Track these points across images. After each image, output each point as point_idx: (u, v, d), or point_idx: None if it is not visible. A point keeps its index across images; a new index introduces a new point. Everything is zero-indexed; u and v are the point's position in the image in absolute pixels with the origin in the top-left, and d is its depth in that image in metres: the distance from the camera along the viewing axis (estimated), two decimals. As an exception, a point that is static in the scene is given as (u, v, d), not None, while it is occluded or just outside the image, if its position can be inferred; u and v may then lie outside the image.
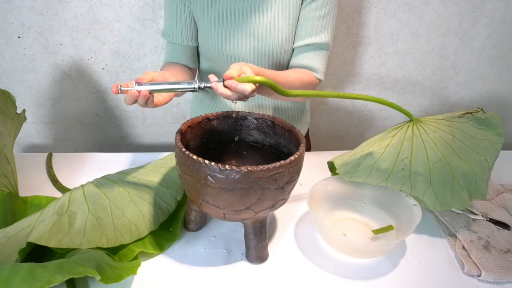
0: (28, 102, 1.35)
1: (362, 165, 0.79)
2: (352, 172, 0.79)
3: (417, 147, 0.78)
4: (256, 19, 0.87)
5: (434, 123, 0.81)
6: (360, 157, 0.80)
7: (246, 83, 0.66)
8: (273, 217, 0.82)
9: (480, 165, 0.74)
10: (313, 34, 0.88)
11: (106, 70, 1.31)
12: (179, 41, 0.93)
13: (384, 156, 0.79)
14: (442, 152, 0.76)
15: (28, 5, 1.18)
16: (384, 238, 0.75)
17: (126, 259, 0.67)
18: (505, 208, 0.85)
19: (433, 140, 0.78)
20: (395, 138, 0.81)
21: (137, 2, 1.20)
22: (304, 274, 0.69)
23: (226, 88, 0.66)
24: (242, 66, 0.69)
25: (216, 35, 0.89)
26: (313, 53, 0.90)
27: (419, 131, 0.80)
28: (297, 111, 1.07)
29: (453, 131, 0.78)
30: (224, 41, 0.89)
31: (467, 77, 1.42)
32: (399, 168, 0.76)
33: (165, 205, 0.76)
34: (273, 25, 0.88)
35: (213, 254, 0.72)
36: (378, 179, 0.77)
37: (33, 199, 0.80)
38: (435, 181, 0.74)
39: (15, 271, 0.52)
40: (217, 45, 0.90)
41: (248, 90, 0.65)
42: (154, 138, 1.48)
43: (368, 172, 0.78)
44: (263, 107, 1.01)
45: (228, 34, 0.89)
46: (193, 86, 0.67)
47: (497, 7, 1.29)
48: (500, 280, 0.68)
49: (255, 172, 0.58)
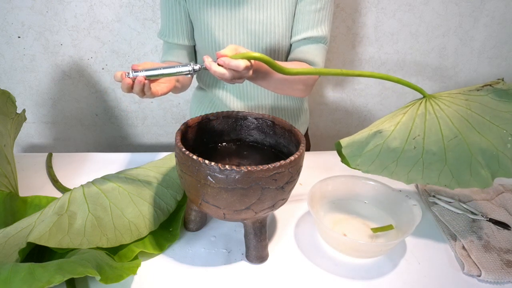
0: (28, 102, 1.35)
1: (370, 145, 0.73)
2: (358, 154, 0.73)
3: (430, 124, 0.71)
4: (253, 16, 0.87)
5: (449, 97, 0.73)
6: (368, 136, 0.74)
7: (240, 60, 0.65)
8: (273, 217, 0.82)
9: (502, 140, 0.67)
10: (310, 27, 0.88)
11: (106, 70, 1.31)
12: (176, 41, 0.93)
13: (394, 134, 0.72)
14: (458, 127, 0.69)
15: (28, 5, 1.18)
16: (384, 238, 0.75)
17: (126, 259, 0.67)
18: (505, 208, 0.85)
19: (448, 115, 0.70)
20: (406, 115, 0.74)
21: (137, 2, 1.20)
22: (304, 274, 0.69)
23: (220, 66, 0.66)
24: (238, 46, 0.68)
25: (213, 33, 0.89)
26: (310, 46, 0.89)
27: (432, 107, 0.73)
28: (295, 110, 1.07)
29: (470, 104, 0.71)
30: (221, 38, 0.89)
31: (467, 77, 1.42)
32: (410, 146, 0.70)
33: (165, 205, 0.76)
34: (269, 21, 0.87)
35: (213, 254, 0.72)
36: (387, 160, 0.71)
37: (33, 199, 0.80)
38: (451, 159, 0.68)
39: (15, 271, 0.52)
40: (214, 42, 0.90)
41: (241, 66, 0.65)
42: (154, 138, 1.48)
43: (377, 152, 0.71)
44: (262, 107, 1.01)
45: (225, 32, 0.89)
46: (188, 69, 0.67)
47: (497, 7, 1.29)
48: (500, 280, 0.68)
49: (255, 172, 0.58)
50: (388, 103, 1.46)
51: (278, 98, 1.02)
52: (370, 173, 0.73)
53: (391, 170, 0.71)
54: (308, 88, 0.92)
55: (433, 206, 0.86)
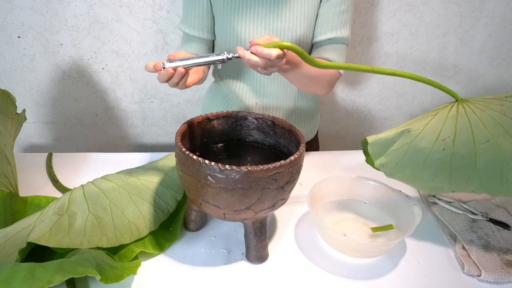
0: (28, 102, 1.35)
1: (397, 143, 0.70)
2: (384, 152, 0.70)
3: (461, 126, 0.67)
4: (276, 13, 0.88)
5: (483, 102, 0.71)
6: (395, 135, 0.71)
7: (272, 48, 0.66)
8: (273, 217, 0.82)
9: None
10: (334, 29, 0.90)
11: (106, 70, 1.31)
12: (196, 34, 0.93)
13: (423, 134, 0.68)
14: (491, 132, 0.66)
15: (28, 5, 1.18)
16: (384, 237, 0.75)
17: (126, 259, 0.67)
18: (505, 208, 0.85)
19: (481, 119, 0.67)
20: (437, 117, 0.71)
21: (137, 2, 1.20)
22: (304, 274, 0.69)
23: (253, 55, 0.67)
24: (272, 36, 0.70)
25: (235, 28, 0.90)
26: (334, 46, 0.91)
27: (465, 110, 0.70)
28: (311, 111, 1.07)
29: (505, 110, 0.68)
30: (243, 34, 0.90)
31: (467, 77, 1.42)
32: (439, 148, 0.66)
33: (165, 205, 0.76)
34: (292, 19, 0.88)
35: (213, 254, 0.72)
36: (413, 161, 0.68)
37: (33, 199, 0.80)
38: (481, 164, 0.65)
39: (15, 271, 0.52)
40: (235, 37, 0.90)
41: (273, 55, 0.66)
42: (154, 138, 1.48)
43: (404, 152, 0.68)
44: (278, 106, 1.01)
45: (247, 27, 0.89)
46: (222, 58, 0.69)
47: (497, 7, 1.29)
48: (500, 280, 0.68)
49: (255, 172, 0.58)
50: (388, 103, 1.46)
51: (295, 97, 1.02)
52: (394, 177, 0.69)
53: (416, 174, 0.67)
54: (331, 86, 0.94)
55: (433, 206, 0.86)
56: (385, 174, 0.70)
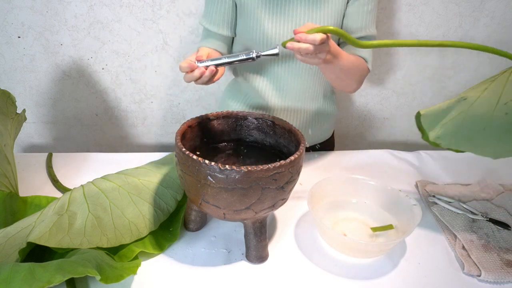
0: (28, 102, 1.35)
1: (453, 112, 0.65)
2: (439, 124, 0.66)
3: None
4: (303, 10, 0.89)
5: None
6: (450, 105, 0.67)
7: (315, 33, 0.67)
8: (273, 217, 0.82)
9: None
10: (363, 27, 0.93)
11: (106, 70, 1.31)
12: (219, 30, 0.94)
13: (481, 101, 0.64)
14: None
15: (28, 5, 1.18)
16: (384, 237, 0.75)
17: (126, 259, 0.67)
18: (505, 208, 0.85)
19: None
20: (495, 83, 0.66)
21: (137, 2, 1.20)
22: (304, 274, 0.69)
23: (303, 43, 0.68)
24: (313, 24, 0.71)
25: (262, 25, 0.90)
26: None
27: None
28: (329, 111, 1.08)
29: None
30: (270, 31, 0.90)
31: (467, 77, 1.42)
32: (501, 112, 0.61)
33: (165, 205, 0.76)
34: (321, 17, 0.90)
35: (213, 254, 0.72)
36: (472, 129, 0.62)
37: (33, 199, 0.80)
38: None
39: (15, 271, 0.52)
40: (262, 34, 0.91)
41: (317, 39, 0.67)
42: (154, 138, 1.48)
43: (461, 121, 0.64)
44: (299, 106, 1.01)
45: (275, 24, 0.90)
46: (252, 56, 0.72)
47: (497, 7, 1.29)
48: (500, 280, 0.68)
49: (255, 172, 0.58)
50: (388, 103, 1.46)
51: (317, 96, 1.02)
52: (452, 148, 0.64)
53: (477, 142, 0.62)
54: (361, 82, 0.96)
55: (433, 206, 0.86)
56: (442, 145, 0.66)
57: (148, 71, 1.31)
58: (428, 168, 1.04)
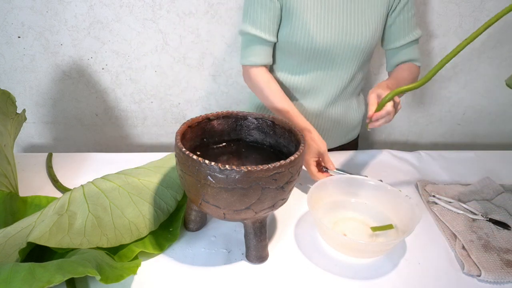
0: (28, 102, 1.35)
1: None
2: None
3: None
4: (348, 16, 0.93)
5: None
6: None
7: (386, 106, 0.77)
8: (273, 217, 0.82)
9: None
10: (411, 31, 1.00)
11: (106, 70, 1.31)
12: (265, 36, 0.94)
13: None
14: None
15: (28, 5, 1.18)
16: (384, 237, 0.75)
17: (126, 259, 0.67)
18: (505, 208, 0.85)
19: None
20: None
21: (137, 2, 1.20)
22: (304, 274, 0.69)
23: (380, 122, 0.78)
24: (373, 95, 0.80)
25: (309, 30, 0.92)
26: (413, 47, 1.02)
27: None
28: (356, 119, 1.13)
29: None
30: (316, 36, 0.92)
31: (467, 77, 1.42)
32: None
33: (165, 205, 0.76)
34: (361, 22, 0.94)
35: (213, 254, 0.72)
36: None
37: (33, 199, 0.80)
38: None
39: (15, 271, 0.52)
40: (307, 39, 0.92)
41: (390, 110, 0.77)
42: (154, 138, 1.48)
43: None
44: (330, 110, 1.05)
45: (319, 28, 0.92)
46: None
47: (497, 7, 1.29)
48: (500, 280, 0.68)
49: (255, 172, 0.58)
50: (388, 103, 1.46)
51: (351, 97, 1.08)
52: None
53: None
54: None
55: (433, 206, 0.86)
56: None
57: (148, 71, 1.31)
58: (428, 168, 1.04)
